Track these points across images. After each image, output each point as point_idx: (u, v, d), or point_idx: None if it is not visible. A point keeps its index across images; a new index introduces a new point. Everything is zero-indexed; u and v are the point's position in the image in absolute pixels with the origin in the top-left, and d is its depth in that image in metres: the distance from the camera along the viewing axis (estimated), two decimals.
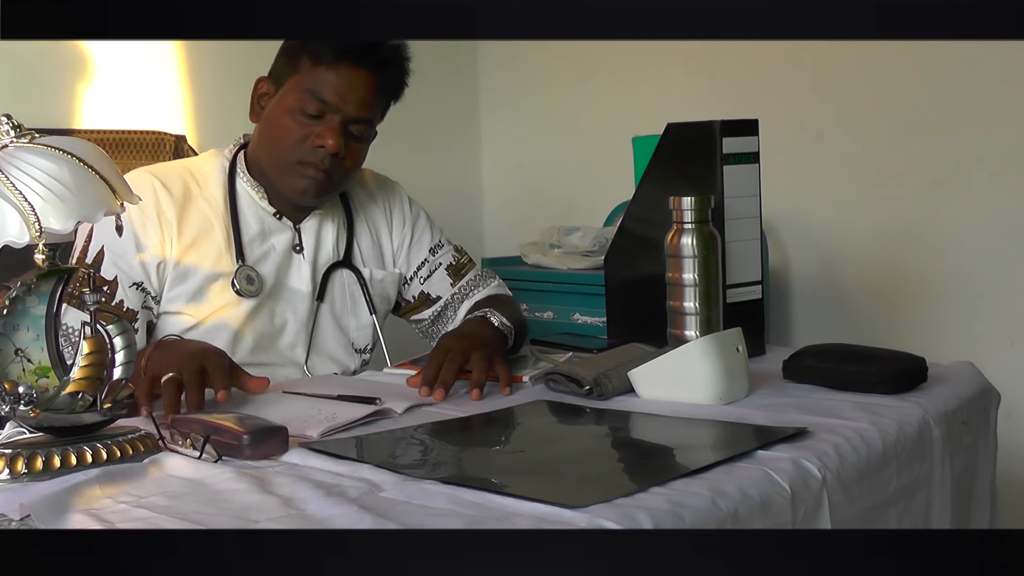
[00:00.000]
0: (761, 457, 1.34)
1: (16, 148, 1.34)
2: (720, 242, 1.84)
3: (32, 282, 1.37)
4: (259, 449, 1.35)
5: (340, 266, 2.02)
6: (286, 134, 1.86)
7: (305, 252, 1.96)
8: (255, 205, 1.93)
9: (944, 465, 1.59)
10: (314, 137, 1.85)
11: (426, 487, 1.23)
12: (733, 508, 1.19)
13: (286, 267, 1.95)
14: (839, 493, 1.35)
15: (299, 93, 1.85)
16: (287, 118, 1.86)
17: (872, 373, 1.69)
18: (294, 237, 1.96)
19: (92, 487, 1.26)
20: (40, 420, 1.35)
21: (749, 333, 1.73)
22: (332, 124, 1.85)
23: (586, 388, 1.69)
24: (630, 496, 1.18)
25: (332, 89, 1.84)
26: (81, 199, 1.33)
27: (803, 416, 1.53)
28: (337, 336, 2.02)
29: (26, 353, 1.38)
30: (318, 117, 1.85)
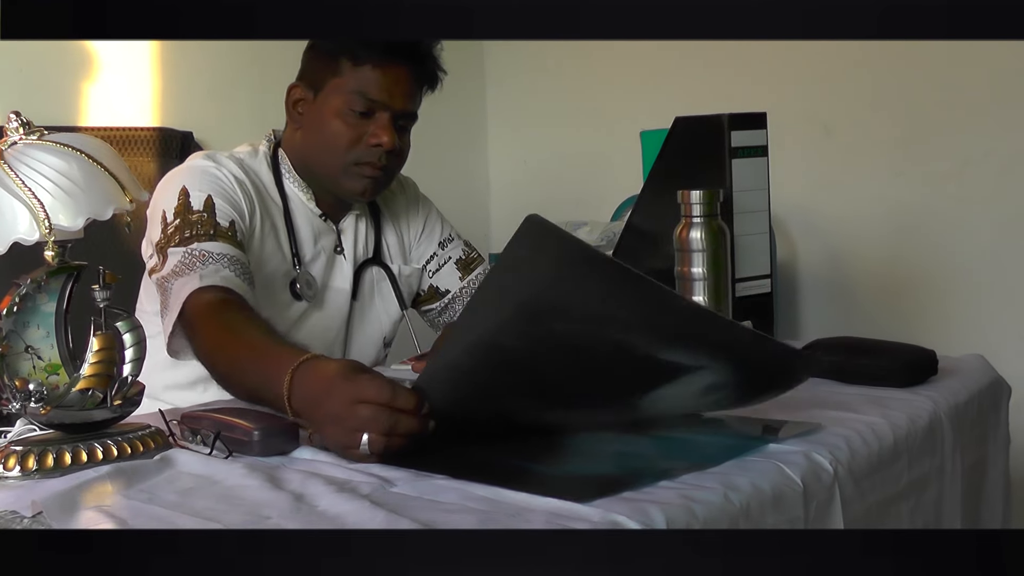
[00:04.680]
0: (773, 451, 1.33)
1: (25, 145, 1.34)
2: (729, 236, 1.84)
3: (42, 279, 1.37)
4: (270, 445, 1.35)
5: (371, 263, 2.03)
6: (338, 137, 1.87)
7: (345, 252, 1.98)
8: (304, 207, 1.94)
9: (955, 458, 1.59)
10: (368, 136, 1.87)
11: (438, 482, 1.23)
12: (745, 502, 1.19)
13: (330, 269, 1.97)
14: (851, 487, 1.34)
15: (346, 95, 1.86)
16: (337, 121, 1.87)
17: (882, 366, 1.69)
18: (335, 238, 1.98)
19: (103, 484, 1.26)
20: (50, 417, 1.35)
21: (758, 327, 1.72)
22: (383, 121, 1.87)
23: None
24: (642, 491, 1.17)
25: (379, 87, 1.86)
26: (90, 196, 1.33)
27: (813, 409, 1.52)
28: (370, 332, 2.04)
29: (36, 350, 1.38)
30: (367, 115, 1.87)
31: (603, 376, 1.33)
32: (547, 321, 1.26)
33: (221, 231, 1.76)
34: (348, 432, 1.28)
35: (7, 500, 1.21)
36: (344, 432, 1.29)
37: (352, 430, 1.28)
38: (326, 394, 1.32)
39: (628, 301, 1.26)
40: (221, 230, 1.76)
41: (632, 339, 1.29)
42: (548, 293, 1.24)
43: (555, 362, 1.31)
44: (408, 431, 1.28)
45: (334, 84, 1.88)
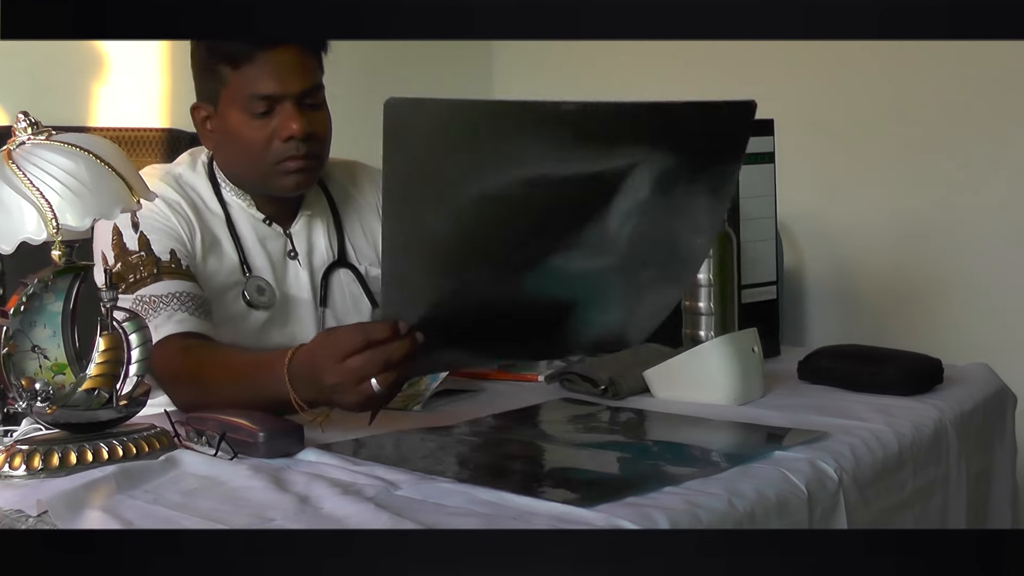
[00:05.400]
0: (778, 458, 1.33)
1: (33, 145, 1.34)
2: (735, 242, 1.84)
3: (49, 279, 1.37)
4: (275, 447, 1.35)
5: (337, 266, 1.94)
6: (250, 145, 1.79)
7: (300, 257, 1.89)
8: (245, 214, 1.86)
9: (960, 467, 1.59)
10: (278, 132, 1.78)
11: (442, 486, 1.23)
12: (750, 509, 1.19)
13: (283, 275, 1.87)
14: (855, 494, 1.34)
15: (240, 101, 1.78)
16: (242, 129, 1.79)
17: (887, 374, 1.68)
18: (286, 243, 1.88)
19: (108, 484, 1.26)
20: (56, 417, 1.35)
21: (764, 334, 1.73)
22: (287, 111, 1.78)
23: (601, 388, 1.69)
24: (646, 496, 1.17)
25: (268, 81, 1.76)
26: (98, 196, 1.34)
27: (818, 417, 1.53)
28: None
29: (43, 350, 1.38)
30: (269, 112, 1.78)
31: (547, 217, 1.32)
32: (464, 190, 1.25)
33: (164, 266, 1.70)
34: (354, 391, 1.31)
35: (12, 499, 1.21)
36: (352, 392, 1.32)
37: (355, 387, 1.31)
38: (318, 371, 1.34)
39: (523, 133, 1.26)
40: (164, 265, 1.70)
41: (550, 167, 1.28)
42: (451, 164, 1.24)
43: (492, 224, 1.30)
44: (402, 354, 1.30)
45: (226, 95, 1.79)
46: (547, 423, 1.57)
